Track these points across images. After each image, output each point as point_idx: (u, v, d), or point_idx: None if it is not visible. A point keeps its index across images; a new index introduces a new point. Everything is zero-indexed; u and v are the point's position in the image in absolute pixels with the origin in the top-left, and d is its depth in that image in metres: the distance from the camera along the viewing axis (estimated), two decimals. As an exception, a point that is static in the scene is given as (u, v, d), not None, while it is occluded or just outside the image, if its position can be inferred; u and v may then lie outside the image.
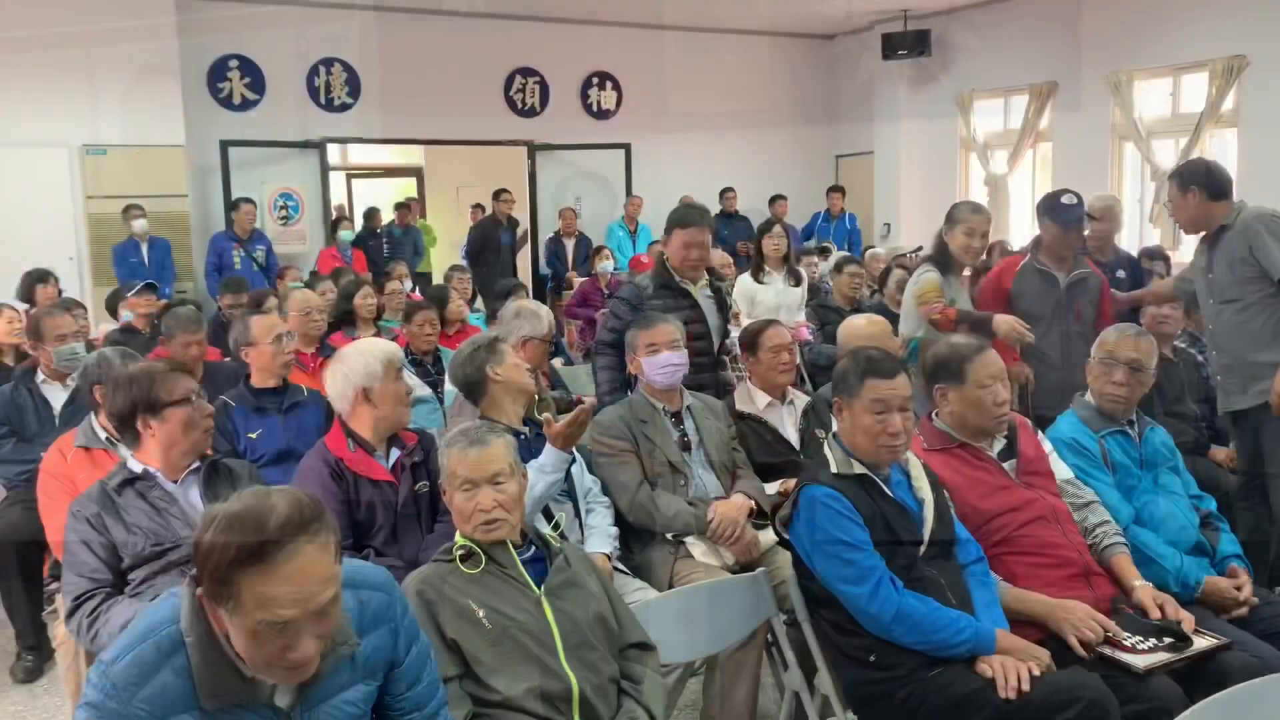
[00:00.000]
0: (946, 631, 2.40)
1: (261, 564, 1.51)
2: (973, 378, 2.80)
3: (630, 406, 3.47)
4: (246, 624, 1.53)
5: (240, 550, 1.51)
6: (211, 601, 1.56)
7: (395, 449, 3.05)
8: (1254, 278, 3.80)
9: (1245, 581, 2.86)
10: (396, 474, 2.99)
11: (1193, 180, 3.95)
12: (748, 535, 3.23)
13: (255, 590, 1.51)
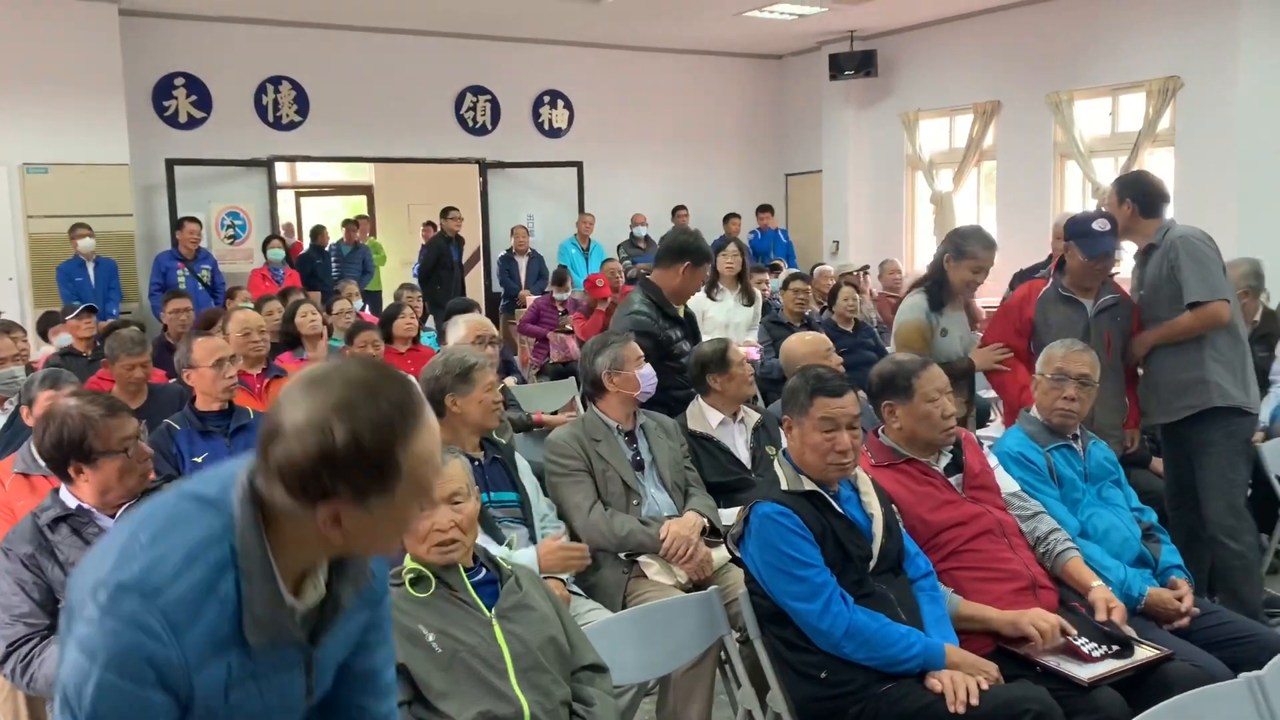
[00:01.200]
0: (897, 647, 2.42)
1: (419, 422, 1.32)
2: (920, 392, 2.85)
3: (584, 425, 3.47)
4: (406, 502, 1.33)
5: (402, 413, 1.30)
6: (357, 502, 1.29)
7: None
8: (1176, 298, 3.82)
9: (1186, 592, 2.91)
10: None
11: (1129, 192, 3.96)
12: (700, 553, 3.24)
13: (418, 454, 1.31)
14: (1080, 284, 3.95)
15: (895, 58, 11.38)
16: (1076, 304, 3.96)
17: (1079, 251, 3.89)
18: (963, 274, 4.07)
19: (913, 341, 4.00)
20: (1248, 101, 8.27)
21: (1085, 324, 3.92)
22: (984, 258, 4.05)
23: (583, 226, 11.00)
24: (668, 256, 4.19)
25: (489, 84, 11.25)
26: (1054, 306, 3.98)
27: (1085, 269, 3.91)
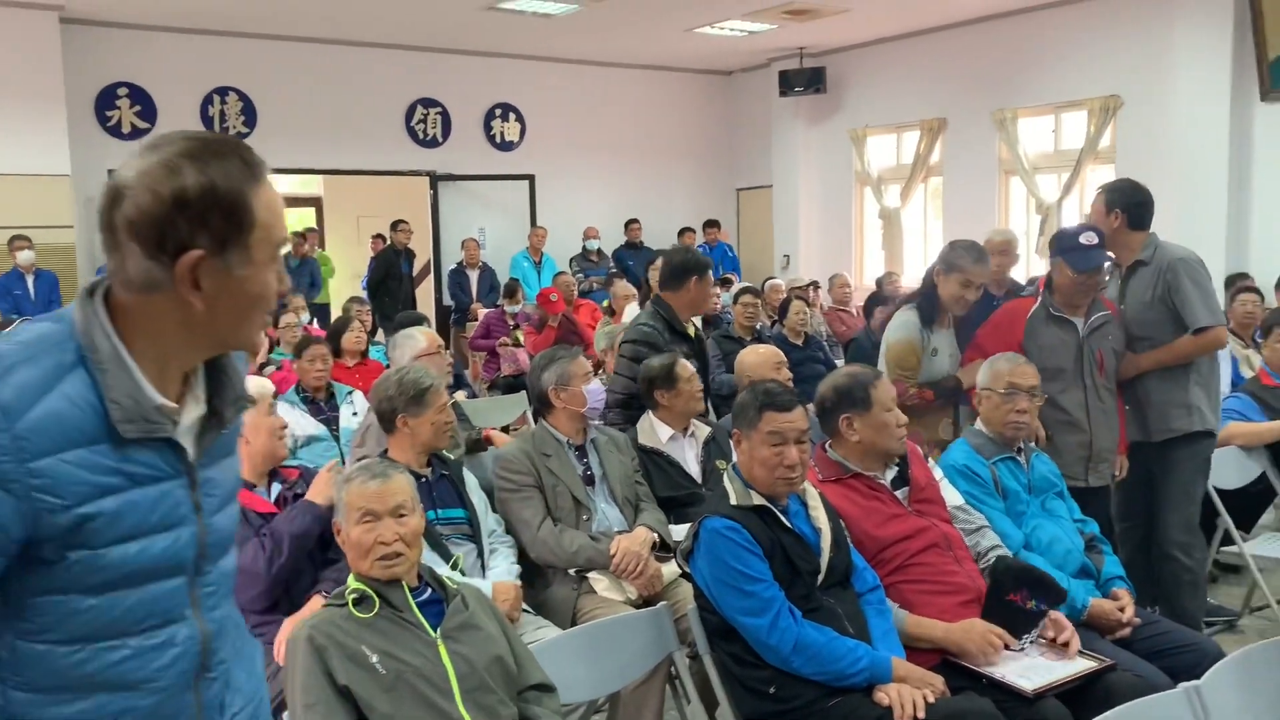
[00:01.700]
0: (844, 661, 2.43)
1: (262, 173, 1.33)
2: (878, 402, 2.87)
3: (534, 440, 3.46)
4: (262, 261, 1.35)
5: (245, 162, 1.31)
6: (216, 253, 1.28)
7: (276, 483, 3.02)
8: (1169, 319, 3.75)
9: (1128, 603, 2.96)
10: (280, 507, 2.93)
11: (1119, 203, 3.84)
12: (650, 568, 3.23)
13: (267, 204, 1.34)
14: (1070, 302, 3.73)
15: (844, 75, 11.52)
16: (1067, 323, 3.74)
17: (1067, 267, 3.66)
18: (951, 288, 3.92)
19: (906, 360, 3.88)
20: (1183, 119, 8.48)
21: (1077, 344, 3.72)
22: (973, 271, 3.89)
23: (535, 240, 10.98)
24: (675, 278, 4.26)
25: (440, 96, 11.21)
26: (1044, 327, 3.76)
27: (1075, 285, 3.68)
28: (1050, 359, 3.67)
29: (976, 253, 3.95)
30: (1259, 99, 8.17)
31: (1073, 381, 3.71)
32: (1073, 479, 3.61)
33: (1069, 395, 3.71)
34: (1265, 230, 8.20)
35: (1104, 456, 3.74)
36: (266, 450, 2.98)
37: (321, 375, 4.99)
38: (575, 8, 9.25)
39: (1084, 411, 3.71)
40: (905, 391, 3.76)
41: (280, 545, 2.75)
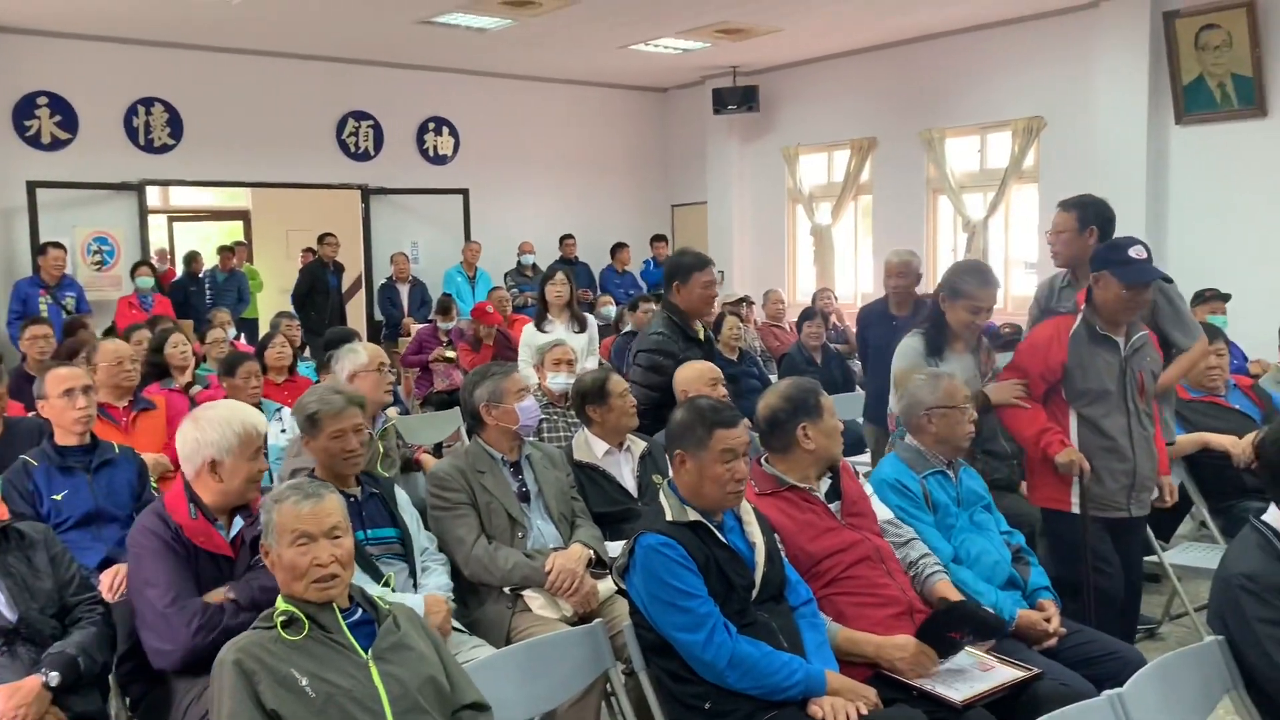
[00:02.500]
0: (779, 675, 2.44)
1: None
2: (826, 408, 2.94)
3: (467, 457, 3.42)
4: None
5: None
6: None
7: (239, 518, 2.78)
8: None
9: (1054, 613, 3.03)
10: (236, 548, 2.74)
11: (1093, 219, 3.89)
12: (586, 585, 3.22)
13: None
14: (1114, 319, 3.50)
15: (776, 93, 11.67)
16: (1110, 343, 3.51)
17: (1116, 281, 3.41)
18: (959, 315, 3.72)
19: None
20: (1104, 140, 8.74)
21: (1120, 365, 3.52)
22: (980, 296, 3.68)
23: (469, 254, 10.91)
24: (674, 278, 4.33)
25: (372, 109, 11.09)
26: (1087, 346, 3.51)
27: (1122, 302, 3.44)
28: (1094, 381, 3.48)
29: (981, 276, 3.73)
30: (1174, 122, 8.46)
31: (1116, 405, 3.50)
32: (1115, 509, 3.51)
33: (1112, 420, 3.49)
34: (1180, 248, 8.47)
35: (1145, 485, 3.57)
36: (236, 495, 2.76)
37: (255, 393, 4.90)
38: (509, 23, 9.24)
39: (1128, 437, 3.50)
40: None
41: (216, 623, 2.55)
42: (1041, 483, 3.60)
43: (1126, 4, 8.46)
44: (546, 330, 6.19)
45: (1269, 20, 7.81)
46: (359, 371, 4.04)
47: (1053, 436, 3.51)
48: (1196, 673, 2.43)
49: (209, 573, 2.66)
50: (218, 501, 2.72)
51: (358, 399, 3.21)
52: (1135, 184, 8.53)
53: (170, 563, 2.59)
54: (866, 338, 5.51)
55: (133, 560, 2.67)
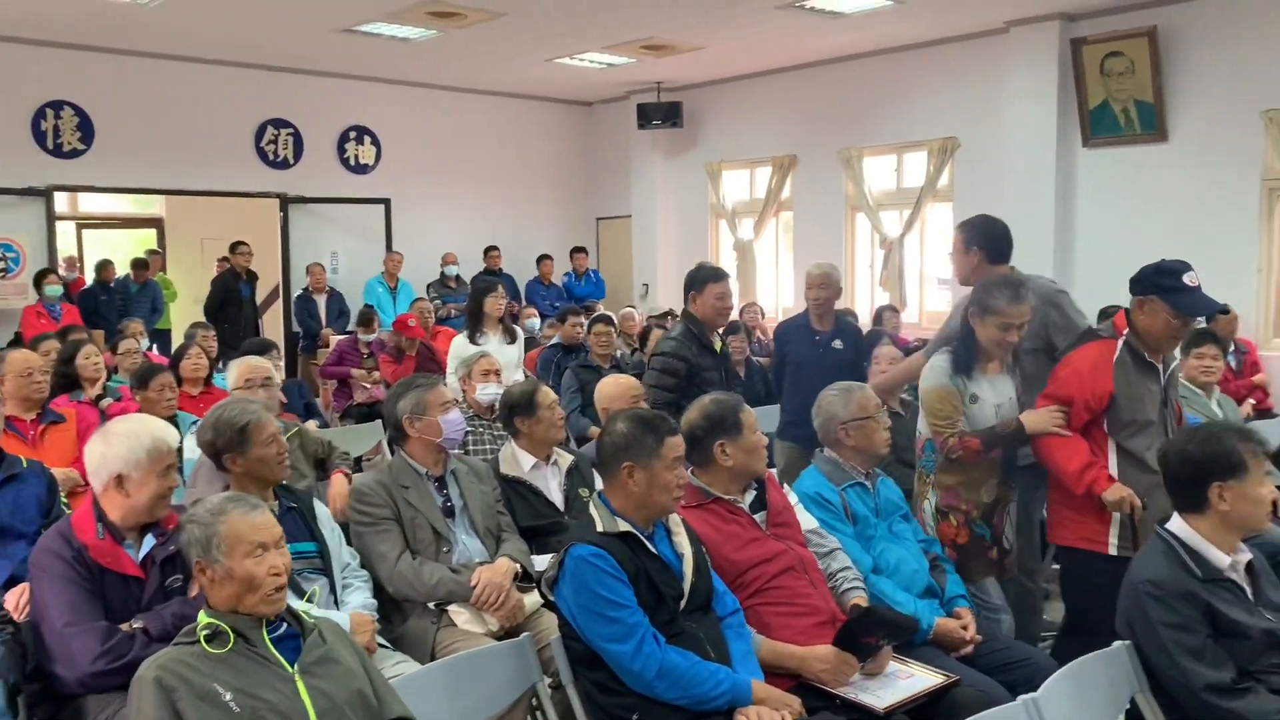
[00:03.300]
0: (706, 685, 2.47)
1: None
2: (746, 425, 2.96)
3: (391, 471, 3.39)
4: None
5: None
6: None
7: (150, 536, 2.70)
8: (1037, 350, 3.79)
9: (970, 621, 3.11)
10: (146, 569, 2.64)
11: (976, 240, 3.95)
12: (512, 599, 3.21)
13: None
14: (1156, 347, 3.34)
15: (700, 110, 11.80)
16: (1153, 370, 3.35)
17: (1166, 309, 3.24)
18: (990, 332, 3.48)
19: (940, 409, 3.49)
20: (1015, 161, 9.04)
21: (1161, 393, 3.36)
22: (1010, 312, 3.43)
23: (390, 265, 10.79)
24: (690, 288, 4.52)
25: (291, 117, 10.92)
26: (1134, 375, 3.33)
27: (1170, 330, 3.28)
28: (1139, 410, 3.29)
29: (1011, 291, 3.47)
30: (1081, 145, 8.78)
31: (1157, 436, 3.31)
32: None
33: (1154, 453, 3.16)
34: (1087, 266, 8.78)
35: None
36: (145, 512, 2.67)
37: (170, 406, 4.77)
38: (433, 33, 9.18)
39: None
40: (944, 444, 3.47)
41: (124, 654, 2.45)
42: (1073, 519, 3.34)
43: (1036, 30, 8.77)
44: (479, 342, 6.10)
45: (1169, 49, 8.16)
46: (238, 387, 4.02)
47: (1100, 472, 3.29)
48: (1105, 676, 2.52)
49: (118, 595, 2.58)
50: (126, 519, 2.64)
51: (268, 405, 3.18)
52: (1044, 203, 8.83)
53: (71, 586, 2.51)
54: (785, 353, 5.47)
55: (34, 582, 2.59)
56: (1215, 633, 2.45)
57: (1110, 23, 8.41)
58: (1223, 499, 2.51)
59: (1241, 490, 2.50)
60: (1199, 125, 8.14)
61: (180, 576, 2.68)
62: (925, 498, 3.61)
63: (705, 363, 4.38)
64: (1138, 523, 3.25)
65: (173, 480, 2.72)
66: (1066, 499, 3.39)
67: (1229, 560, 2.54)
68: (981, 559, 3.55)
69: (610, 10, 8.45)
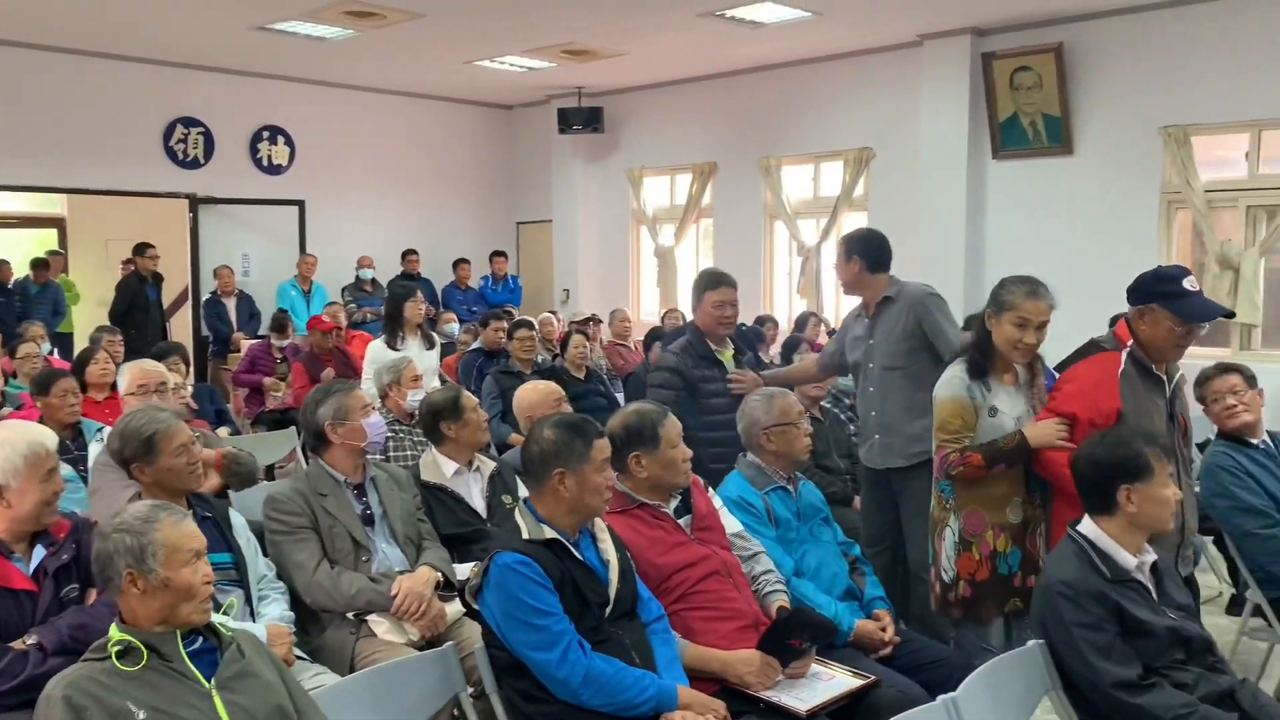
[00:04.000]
0: (632, 691, 2.47)
1: None
2: (665, 439, 2.95)
3: (308, 479, 3.32)
4: None
5: None
6: None
7: (40, 546, 2.60)
8: (918, 350, 3.98)
9: (888, 622, 3.17)
10: (39, 581, 2.55)
11: (856, 250, 4.13)
12: (434, 609, 3.17)
13: None
14: (1160, 357, 3.20)
15: (621, 115, 11.82)
16: (1159, 382, 3.22)
17: (1168, 315, 3.11)
18: (1006, 331, 3.26)
19: (949, 422, 3.26)
20: (927, 172, 9.25)
21: (1167, 406, 3.22)
22: (1027, 307, 3.24)
23: (304, 267, 10.58)
24: (694, 295, 4.30)
25: (202, 116, 10.63)
26: (1141, 389, 3.19)
27: (1173, 339, 3.14)
28: (1147, 427, 3.08)
29: (1029, 286, 3.30)
30: (991, 157, 9.03)
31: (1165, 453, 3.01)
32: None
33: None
34: (996, 275, 8.84)
35: (1190, 540, 3.25)
36: (31, 520, 2.57)
37: (73, 411, 4.60)
38: (350, 33, 9.03)
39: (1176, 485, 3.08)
40: (944, 460, 3.25)
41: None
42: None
43: (948, 44, 8.99)
44: (399, 348, 5.96)
45: (1074, 65, 8.45)
46: (127, 395, 3.89)
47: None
48: (1020, 675, 2.59)
49: (8, 610, 2.48)
50: (12, 530, 2.55)
51: (180, 411, 3.09)
52: (956, 213, 9.06)
53: None
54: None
55: None
56: (1123, 631, 2.53)
57: (1019, 38, 8.67)
58: (1130, 501, 2.60)
59: (1148, 492, 2.60)
60: (1103, 139, 8.44)
61: (77, 586, 2.60)
62: (946, 524, 3.32)
63: (707, 374, 4.15)
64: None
65: (56, 484, 2.64)
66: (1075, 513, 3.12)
67: (1135, 561, 2.63)
68: (996, 600, 3.32)
69: (531, 14, 8.42)
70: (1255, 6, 7.65)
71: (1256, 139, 7.87)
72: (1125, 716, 2.47)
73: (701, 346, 4.27)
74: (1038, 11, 8.36)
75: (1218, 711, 2.45)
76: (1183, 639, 2.57)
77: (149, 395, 4.16)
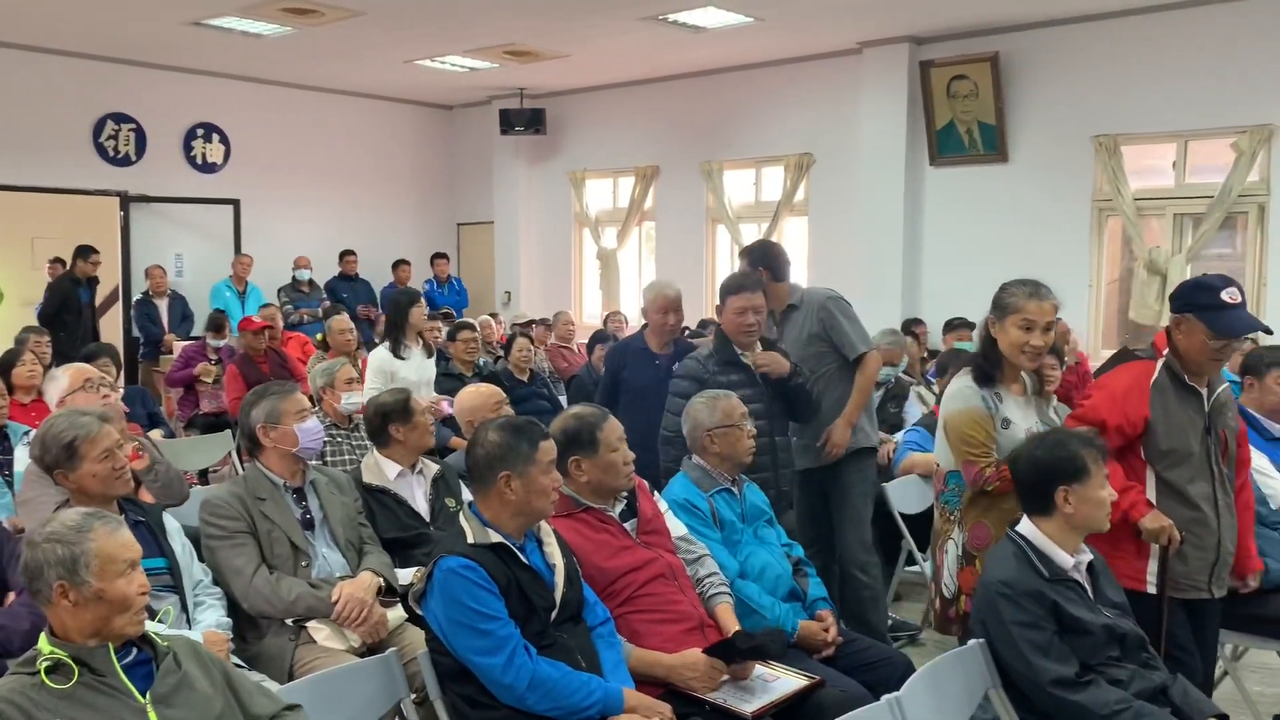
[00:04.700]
0: (578, 695, 2.46)
1: None
2: (604, 443, 2.95)
3: (246, 483, 3.25)
4: None
5: None
6: None
7: None
8: (826, 353, 4.21)
9: (831, 623, 3.20)
10: None
11: (760, 261, 4.24)
12: (375, 614, 3.12)
13: None
14: (1197, 370, 3.08)
15: (563, 117, 11.80)
16: (1194, 395, 3.10)
17: (1202, 328, 2.99)
18: (1011, 335, 3.10)
19: (971, 435, 3.07)
20: (866, 178, 9.37)
21: (1204, 421, 3.10)
22: (1031, 308, 3.07)
23: (239, 268, 10.38)
24: (719, 300, 4.09)
25: (134, 112, 10.39)
26: (1174, 400, 3.08)
27: (1208, 352, 3.01)
28: (1178, 440, 3.04)
29: (1031, 286, 3.14)
30: (928, 164, 9.18)
31: (1200, 468, 3.08)
32: (1195, 590, 3.07)
33: (1197, 486, 3.07)
34: (933, 279, 9.18)
35: (1228, 561, 3.14)
36: None
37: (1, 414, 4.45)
38: (288, 30, 8.89)
39: (1212, 506, 3.08)
40: (979, 475, 3.06)
41: None
42: (1109, 554, 2.96)
43: (887, 52, 9.12)
44: (404, 356, 5.72)
45: (1010, 75, 8.63)
46: (65, 397, 3.77)
47: (1137, 496, 3.05)
48: (961, 674, 2.63)
49: None
50: None
51: (105, 414, 3.00)
52: (894, 219, 9.19)
53: None
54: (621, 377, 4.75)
55: None
56: (1061, 629, 2.58)
57: (956, 47, 8.83)
58: (1068, 502, 2.65)
59: (1085, 493, 2.65)
60: (1036, 147, 8.63)
61: None
62: (949, 537, 3.20)
63: (731, 380, 3.91)
64: (1172, 556, 3.02)
65: None
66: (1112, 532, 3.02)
67: (1073, 561, 2.68)
68: None
69: (472, 14, 8.37)
70: (1183, 22, 7.89)
71: (1183, 149, 8.12)
72: (1063, 713, 2.52)
73: (727, 351, 4.03)
74: (975, 21, 8.52)
75: (1150, 706, 2.51)
76: (1118, 636, 2.63)
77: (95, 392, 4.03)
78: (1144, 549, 3.06)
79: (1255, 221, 7.84)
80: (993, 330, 3.16)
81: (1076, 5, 8.08)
